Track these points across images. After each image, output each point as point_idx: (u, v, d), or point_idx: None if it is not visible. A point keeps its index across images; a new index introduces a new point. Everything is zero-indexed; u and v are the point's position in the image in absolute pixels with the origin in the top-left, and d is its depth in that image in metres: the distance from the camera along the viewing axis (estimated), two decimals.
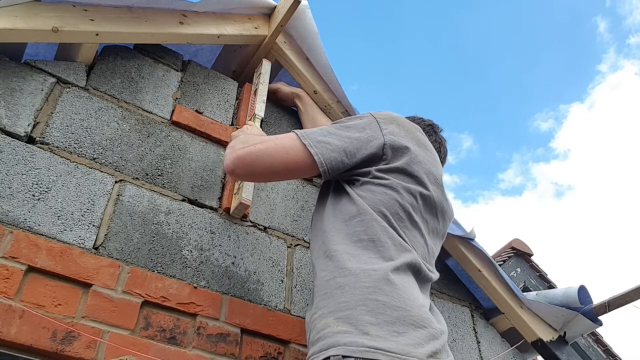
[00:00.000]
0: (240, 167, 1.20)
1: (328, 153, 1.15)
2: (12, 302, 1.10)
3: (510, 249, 3.16)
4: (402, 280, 0.95)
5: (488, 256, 2.01)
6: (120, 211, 1.38)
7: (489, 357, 1.94)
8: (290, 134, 1.23)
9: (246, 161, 1.19)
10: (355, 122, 1.24)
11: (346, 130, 1.21)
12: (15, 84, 1.40)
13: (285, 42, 1.95)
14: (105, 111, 1.52)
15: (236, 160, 1.20)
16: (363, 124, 1.23)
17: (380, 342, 0.82)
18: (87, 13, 1.47)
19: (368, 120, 1.24)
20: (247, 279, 1.49)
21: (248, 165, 1.19)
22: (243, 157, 1.19)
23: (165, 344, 1.24)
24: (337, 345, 0.84)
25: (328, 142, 1.17)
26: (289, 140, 1.20)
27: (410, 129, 1.27)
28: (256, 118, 1.71)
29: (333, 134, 1.19)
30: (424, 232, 1.15)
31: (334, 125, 1.25)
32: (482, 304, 2.11)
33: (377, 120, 1.23)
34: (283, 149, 1.18)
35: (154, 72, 1.71)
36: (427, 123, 1.53)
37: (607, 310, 1.99)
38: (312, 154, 1.16)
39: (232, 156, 1.21)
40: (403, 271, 0.98)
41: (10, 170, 1.27)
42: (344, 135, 1.19)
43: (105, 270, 1.25)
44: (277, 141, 1.22)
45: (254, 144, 1.22)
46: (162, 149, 1.57)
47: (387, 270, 0.94)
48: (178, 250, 1.41)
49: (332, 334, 0.86)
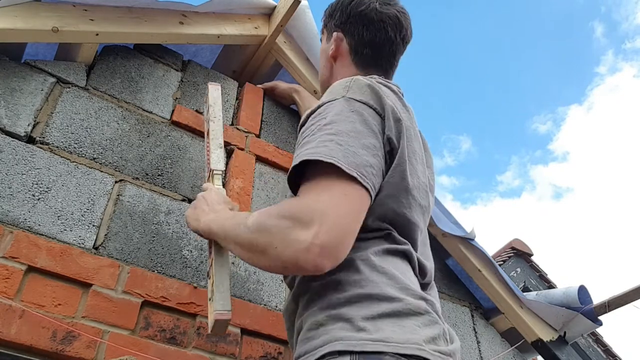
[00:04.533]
0: (326, 256, 0.78)
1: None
2: (12, 302, 1.10)
3: (510, 249, 3.15)
4: (393, 266, 0.92)
5: (488, 256, 2.01)
6: (120, 211, 1.38)
7: (489, 357, 1.94)
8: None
9: (332, 243, 0.78)
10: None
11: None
12: (15, 84, 1.40)
13: (285, 42, 1.95)
14: (105, 111, 1.52)
15: (319, 251, 0.77)
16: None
17: (378, 334, 0.79)
18: (87, 13, 1.47)
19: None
20: (247, 279, 1.49)
21: (336, 250, 0.80)
22: (324, 245, 0.78)
23: (165, 344, 1.24)
24: (334, 340, 0.81)
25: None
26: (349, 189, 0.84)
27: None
28: (215, 175, 1.28)
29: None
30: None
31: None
32: (482, 304, 2.11)
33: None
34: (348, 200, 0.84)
35: (154, 72, 1.71)
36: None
37: (607, 310, 1.99)
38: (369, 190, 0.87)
39: (298, 248, 0.78)
40: (392, 255, 0.94)
41: (10, 170, 1.27)
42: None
43: (105, 270, 1.25)
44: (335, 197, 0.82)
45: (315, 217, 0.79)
46: (162, 149, 1.57)
47: (371, 256, 0.90)
48: (178, 250, 1.41)
49: (327, 330, 0.83)
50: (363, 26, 1.15)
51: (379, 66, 1.17)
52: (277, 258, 0.81)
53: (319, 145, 0.87)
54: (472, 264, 1.99)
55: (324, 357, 0.79)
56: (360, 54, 1.16)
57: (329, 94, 1.00)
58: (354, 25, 1.17)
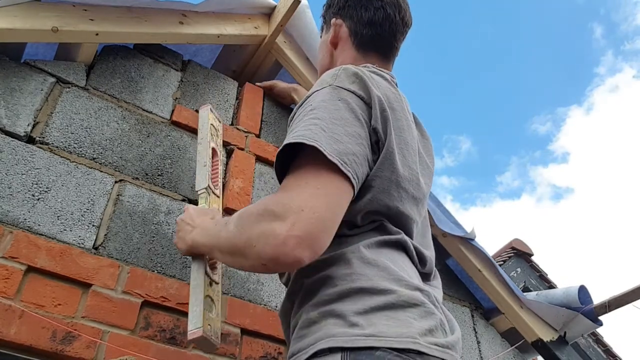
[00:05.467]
0: (304, 247, 0.77)
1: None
2: (12, 302, 1.10)
3: (511, 249, 3.15)
4: (386, 257, 0.90)
5: (488, 256, 2.01)
6: (120, 211, 1.38)
7: (489, 357, 1.94)
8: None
9: (311, 236, 0.77)
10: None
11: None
12: (15, 84, 1.39)
13: (286, 42, 1.95)
14: (105, 111, 1.52)
15: (296, 241, 0.76)
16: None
17: (371, 329, 0.78)
18: (86, 13, 1.47)
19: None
20: (247, 279, 1.49)
21: (313, 240, 0.78)
22: (301, 235, 0.76)
23: (165, 344, 1.24)
24: (326, 337, 0.79)
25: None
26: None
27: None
28: (199, 195, 1.32)
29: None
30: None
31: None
32: (482, 304, 2.11)
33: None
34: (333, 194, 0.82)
35: (154, 71, 1.71)
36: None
37: (608, 310, 1.99)
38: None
39: (277, 241, 0.77)
40: (385, 246, 0.92)
41: (10, 170, 1.27)
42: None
43: (105, 270, 1.25)
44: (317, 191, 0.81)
45: (300, 210, 0.77)
46: (162, 148, 1.56)
47: (363, 249, 0.89)
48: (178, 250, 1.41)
49: (319, 327, 0.82)
50: (361, 7, 1.15)
51: (379, 47, 1.15)
52: (257, 256, 0.80)
53: (303, 129, 0.86)
54: (472, 264, 1.99)
55: (316, 354, 0.77)
56: (361, 35, 1.15)
57: (318, 84, 0.98)
58: (352, 8, 1.16)
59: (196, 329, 1.07)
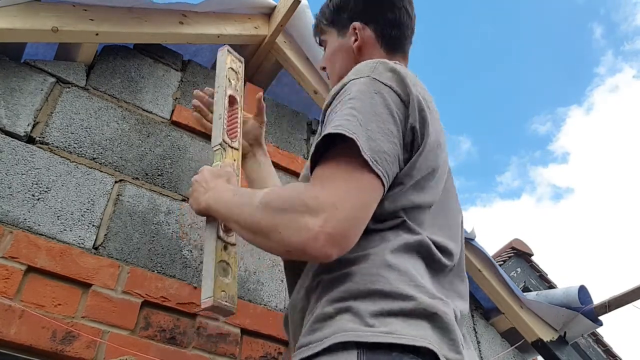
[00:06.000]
0: (334, 244, 0.78)
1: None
2: (12, 302, 1.10)
3: (511, 249, 3.15)
4: (409, 262, 0.90)
5: (488, 256, 2.01)
6: (120, 211, 1.38)
7: (489, 357, 1.94)
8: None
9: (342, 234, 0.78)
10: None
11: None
12: (15, 84, 1.39)
13: (286, 42, 1.95)
14: (105, 111, 1.52)
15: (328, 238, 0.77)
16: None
17: (387, 328, 0.78)
18: (86, 13, 1.47)
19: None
20: (247, 279, 1.49)
21: (343, 238, 0.79)
22: (332, 233, 0.77)
23: (165, 344, 1.24)
24: (341, 332, 0.79)
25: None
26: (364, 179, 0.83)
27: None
28: (214, 152, 1.22)
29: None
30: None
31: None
32: (482, 304, 2.11)
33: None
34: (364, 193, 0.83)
35: (154, 71, 1.71)
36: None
37: (608, 310, 1.99)
38: None
39: (310, 235, 0.77)
40: (409, 250, 0.92)
41: (10, 170, 1.27)
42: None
43: (105, 270, 1.25)
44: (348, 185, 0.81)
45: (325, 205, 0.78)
46: (162, 149, 1.56)
47: (386, 252, 0.89)
48: (178, 250, 1.41)
49: (334, 322, 0.81)
50: (385, 8, 1.16)
51: (403, 47, 1.16)
52: (280, 242, 0.80)
53: (341, 118, 0.86)
54: (473, 264, 1.99)
55: (329, 349, 0.75)
56: (388, 37, 1.15)
57: (354, 73, 0.97)
58: (375, 10, 1.16)
59: (207, 298, 1.06)
